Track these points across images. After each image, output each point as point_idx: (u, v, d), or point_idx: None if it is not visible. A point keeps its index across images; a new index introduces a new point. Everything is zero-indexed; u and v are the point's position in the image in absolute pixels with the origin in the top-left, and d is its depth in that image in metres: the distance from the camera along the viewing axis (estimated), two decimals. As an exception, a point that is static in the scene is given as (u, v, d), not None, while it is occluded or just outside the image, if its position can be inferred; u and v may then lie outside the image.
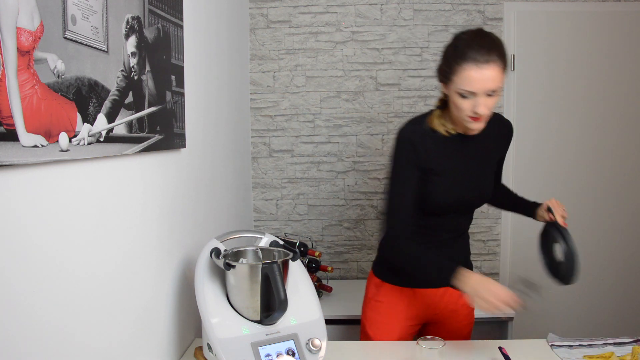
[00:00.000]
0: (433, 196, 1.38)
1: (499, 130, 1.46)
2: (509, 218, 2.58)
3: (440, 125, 1.37)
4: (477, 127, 1.30)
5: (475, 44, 1.23)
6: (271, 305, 1.18)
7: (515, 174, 2.56)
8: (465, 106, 1.26)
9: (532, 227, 2.57)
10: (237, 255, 1.29)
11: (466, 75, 1.22)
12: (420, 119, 1.41)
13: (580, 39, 2.50)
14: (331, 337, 1.44)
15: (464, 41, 1.26)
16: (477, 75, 1.21)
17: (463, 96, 1.25)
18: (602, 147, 2.55)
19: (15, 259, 0.67)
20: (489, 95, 1.24)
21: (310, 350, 1.20)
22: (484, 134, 1.37)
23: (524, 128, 2.54)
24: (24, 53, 0.67)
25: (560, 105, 2.53)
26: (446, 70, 1.28)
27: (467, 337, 1.55)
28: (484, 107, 1.24)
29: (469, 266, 1.56)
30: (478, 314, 2.12)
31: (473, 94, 1.23)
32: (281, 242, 1.34)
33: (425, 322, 1.55)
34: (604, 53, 2.50)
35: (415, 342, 1.16)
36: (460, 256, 1.52)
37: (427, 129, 1.37)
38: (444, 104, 1.37)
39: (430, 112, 1.41)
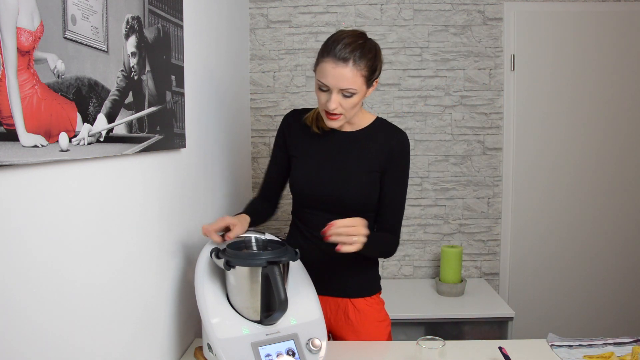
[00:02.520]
0: (293, 179, 1.44)
1: (387, 140, 1.39)
2: (509, 218, 2.59)
3: (313, 122, 1.43)
4: (332, 124, 1.33)
5: (342, 42, 1.25)
6: (271, 305, 1.18)
7: (515, 173, 2.56)
8: (321, 100, 1.31)
9: (533, 228, 2.58)
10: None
11: (323, 68, 1.27)
12: (306, 111, 1.49)
13: (580, 39, 2.50)
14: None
15: (336, 37, 1.28)
16: (332, 71, 1.25)
17: (321, 89, 1.29)
18: (602, 146, 2.55)
19: (15, 259, 0.67)
20: (345, 95, 1.27)
21: (310, 350, 1.20)
22: (368, 138, 1.40)
23: (523, 128, 2.55)
24: (24, 53, 0.67)
25: (560, 105, 2.53)
26: (315, 62, 1.33)
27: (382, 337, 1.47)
28: (335, 103, 1.27)
29: (355, 282, 1.46)
30: (478, 314, 2.15)
31: (328, 88, 1.27)
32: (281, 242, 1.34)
33: (330, 329, 1.49)
34: (604, 53, 2.50)
35: (415, 342, 1.16)
36: (334, 261, 1.40)
37: (304, 121, 1.46)
38: None
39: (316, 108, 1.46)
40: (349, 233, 1.19)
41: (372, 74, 1.30)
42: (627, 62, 2.50)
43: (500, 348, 1.27)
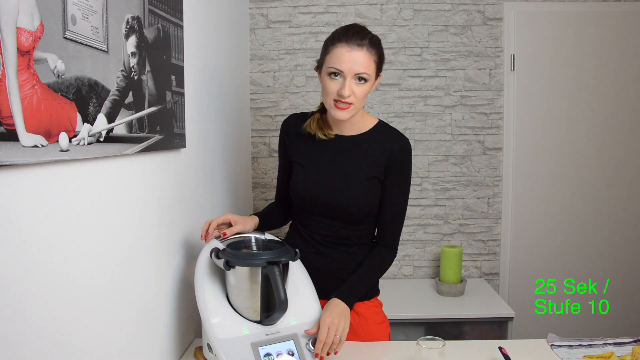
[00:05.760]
0: (293, 185, 1.43)
1: (389, 145, 1.37)
2: (509, 218, 2.59)
3: (318, 129, 1.40)
4: (341, 115, 1.30)
5: (351, 31, 1.28)
6: (271, 305, 1.18)
7: (515, 173, 2.56)
8: (332, 88, 1.28)
9: (533, 228, 2.58)
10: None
11: (337, 53, 1.27)
12: (304, 116, 1.47)
13: (580, 39, 2.50)
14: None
15: (342, 28, 1.31)
16: (347, 55, 1.25)
17: (332, 77, 1.28)
18: (602, 146, 2.55)
19: (14, 259, 0.67)
20: (358, 82, 1.27)
21: (310, 350, 1.20)
22: (369, 142, 1.38)
23: (523, 128, 2.55)
24: (24, 53, 0.67)
25: (560, 105, 2.53)
26: (322, 56, 1.33)
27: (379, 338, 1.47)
28: (349, 89, 1.26)
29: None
30: (478, 314, 2.15)
31: (341, 74, 1.26)
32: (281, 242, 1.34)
33: None
34: (604, 53, 2.50)
35: (415, 342, 1.16)
36: (333, 265, 1.41)
37: (305, 129, 1.42)
38: (324, 109, 1.40)
39: (313, 113, 1.45)
40: (330, 344, 1.20)
41: (381, 63, 1.32)
42: (627, 62, 2.50)
43: (500, 348, 1.27)
